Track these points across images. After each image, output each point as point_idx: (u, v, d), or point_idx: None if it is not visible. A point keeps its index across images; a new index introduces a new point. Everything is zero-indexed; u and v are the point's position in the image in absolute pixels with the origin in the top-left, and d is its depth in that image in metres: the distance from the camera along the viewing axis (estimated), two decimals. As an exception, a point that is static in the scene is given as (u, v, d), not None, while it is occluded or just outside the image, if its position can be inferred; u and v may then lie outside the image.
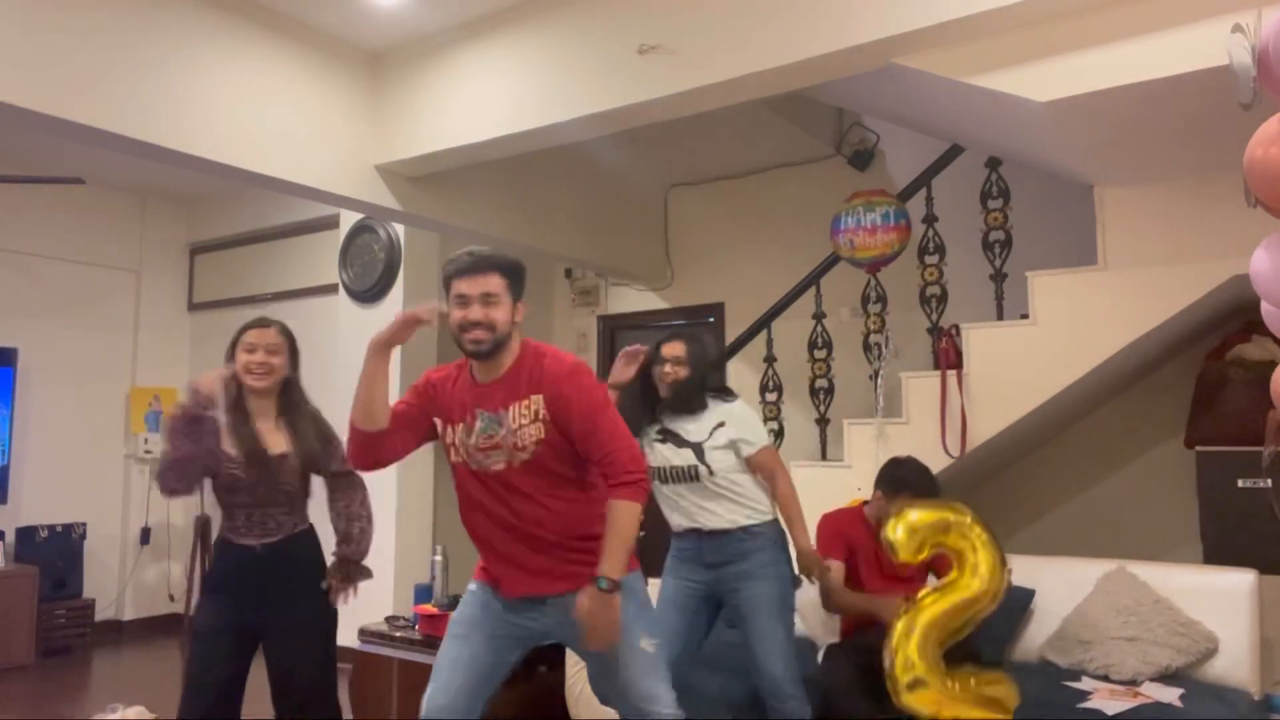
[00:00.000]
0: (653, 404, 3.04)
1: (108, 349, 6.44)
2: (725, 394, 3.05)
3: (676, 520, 3.04)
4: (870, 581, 3.18)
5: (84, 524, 6.01)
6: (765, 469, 2.98)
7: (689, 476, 2.95)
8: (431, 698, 2.26)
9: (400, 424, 2.32)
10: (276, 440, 2.66)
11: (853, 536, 3.23)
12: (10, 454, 5.77)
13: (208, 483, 2.67)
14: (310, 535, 2.76)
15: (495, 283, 2.22)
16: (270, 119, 3.85)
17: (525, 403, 2.23)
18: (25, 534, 5.75)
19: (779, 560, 2.96)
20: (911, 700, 2.26)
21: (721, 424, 2.95)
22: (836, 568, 3.14)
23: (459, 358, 2.38)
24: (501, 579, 2.32)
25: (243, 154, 3.76)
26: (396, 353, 5.89)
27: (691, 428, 2.97)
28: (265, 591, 2.64)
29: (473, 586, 2.40)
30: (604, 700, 2.49)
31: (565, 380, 2.22)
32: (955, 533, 2.30)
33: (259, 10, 3.83)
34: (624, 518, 2.17)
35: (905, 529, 2.31)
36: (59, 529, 5.87)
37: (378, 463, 2.35)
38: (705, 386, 3.02)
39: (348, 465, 2.72)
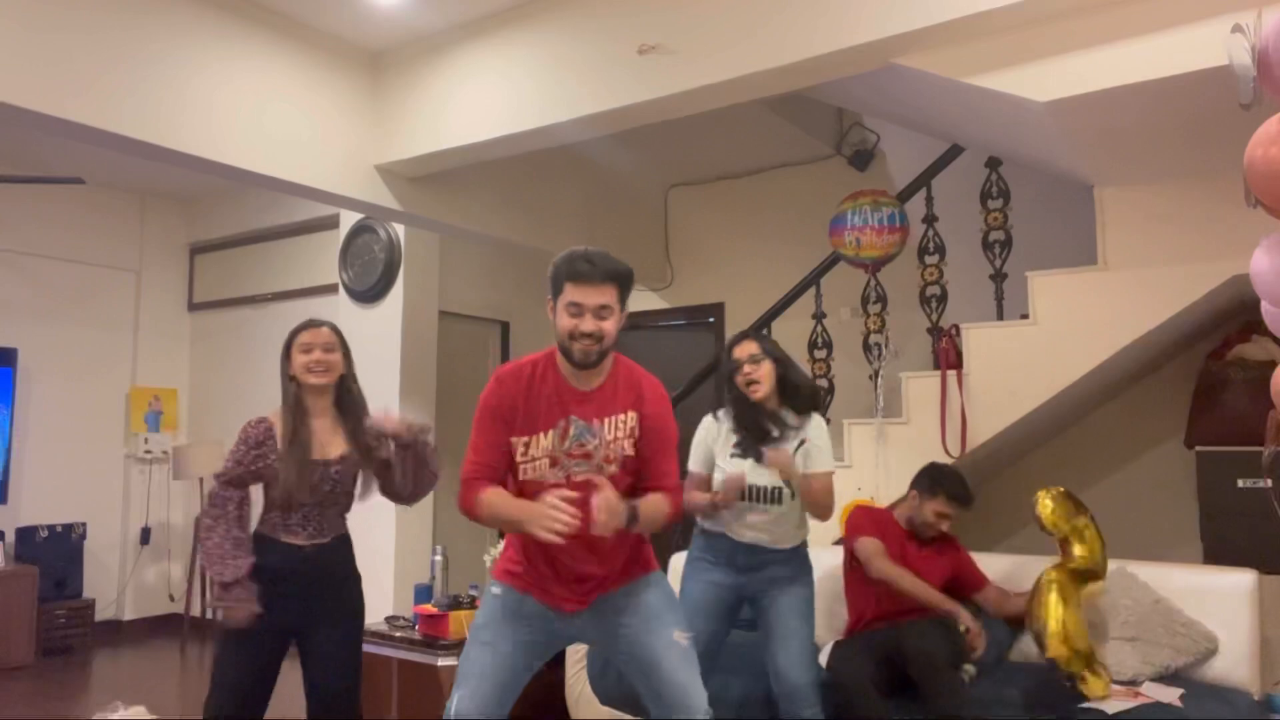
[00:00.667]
0: (752, 413, 2.85)
1: (108, 349, 6.44)
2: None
3: (722, 527, 2.89)
4: None
5: (84, 524, 6.00)
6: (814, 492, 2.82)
7: (771, 498, 2.81)
8: (460, 703, 2.22)
9: (501, 478, 2.28)
10: (336, 441, 2.65)
11: (883, 529, 3.23)
12: (10, 454, 5.77)
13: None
14: (349, 540, 2.75)
15: (610, 294, 2.21)
16: (270, 119, 3.85)
17: (621, 418, 2.25)
18: (25, 534, 5.75)
19: (809, 569, 2.95)
20: (1057, 650, 2.81)
21: (803, 442, 2.83)
22: (874, 544, 3.12)
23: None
24: (549, 593, 2.29)
25: (243, 154, 3.76)
26: (396, 357, 5.84)
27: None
28: (309, 593, 2.59)
29: (496, 589, 2.34)
30: (606, 700, 2.47)
31: (662, 405, 2.30)
32: (1079, 522, 2.98)
33: (259, 10, 3.83)
34: (662, 507, 2.23)
35: (1053, 503, 2.98)
36: (59, 529, 5.87)
37: None
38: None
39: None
